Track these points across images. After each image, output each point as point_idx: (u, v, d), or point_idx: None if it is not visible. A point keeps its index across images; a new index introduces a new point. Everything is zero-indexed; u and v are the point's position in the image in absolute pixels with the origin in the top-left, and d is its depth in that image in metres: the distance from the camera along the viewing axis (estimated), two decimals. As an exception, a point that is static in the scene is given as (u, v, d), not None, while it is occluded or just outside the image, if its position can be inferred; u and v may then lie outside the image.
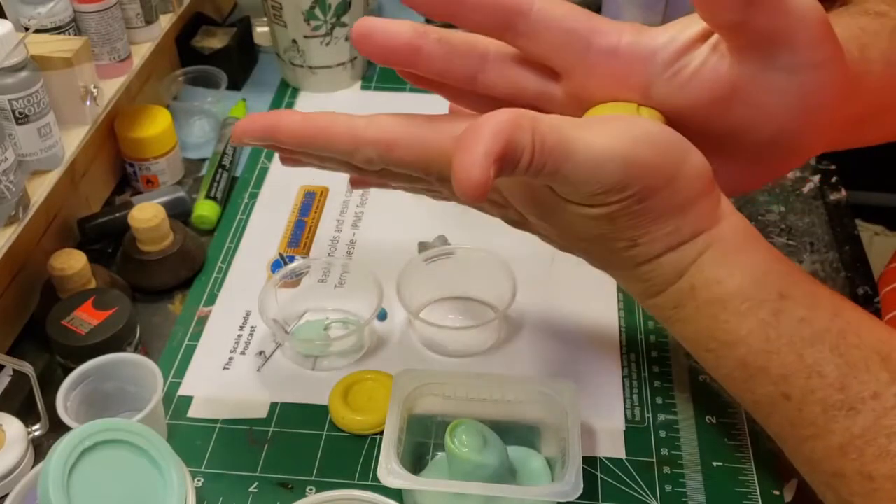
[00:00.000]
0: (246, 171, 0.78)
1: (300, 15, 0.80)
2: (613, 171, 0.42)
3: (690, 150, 0.45)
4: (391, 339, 0.63)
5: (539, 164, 0.41)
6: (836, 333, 0.43)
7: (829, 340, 0.43)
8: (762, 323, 0.44)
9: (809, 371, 0.43)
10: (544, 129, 0.40)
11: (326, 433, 0.57)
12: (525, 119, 0.40)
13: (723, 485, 0.54)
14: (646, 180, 0.43)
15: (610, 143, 0.42)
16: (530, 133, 0.40)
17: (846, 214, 0.73)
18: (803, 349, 0.43)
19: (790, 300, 0.44)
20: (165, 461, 0.48)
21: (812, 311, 0.44)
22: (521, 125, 0.40)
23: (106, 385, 0.56)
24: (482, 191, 0.38)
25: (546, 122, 0.41)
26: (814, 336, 0.43)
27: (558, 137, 0.41)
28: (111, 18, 0.67)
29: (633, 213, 0.44)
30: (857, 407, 0.42)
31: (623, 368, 0.61)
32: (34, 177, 0.61)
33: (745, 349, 0.45)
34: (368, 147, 0.45)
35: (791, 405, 0.44)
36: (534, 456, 0.54)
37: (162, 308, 0.66)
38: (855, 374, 0.42)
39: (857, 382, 0.42)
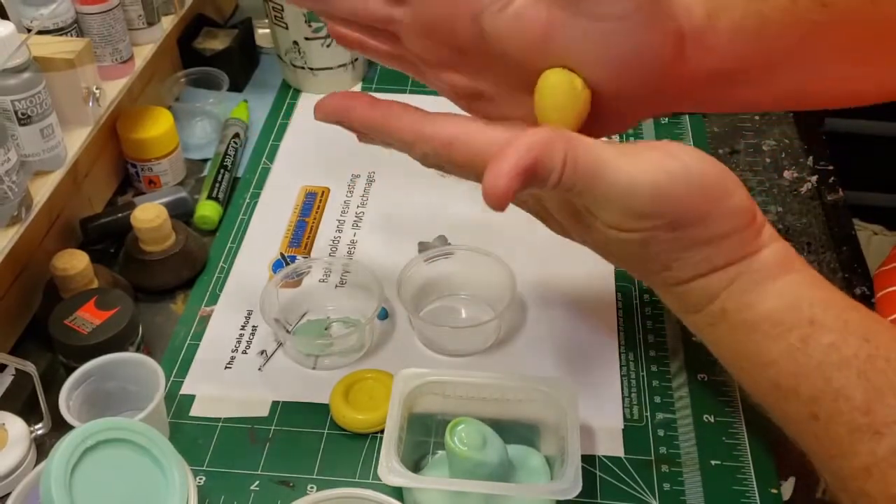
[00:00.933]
0: (247, 172, 0.78)
1: (301, 16, 0.80)
2: (643, 200, 0.44)
3: (732, 190, 0.46)
4: (392, 339, 0.64)
5: (569, 182, 0.43)
6: (864, 359, 0.44)
7: (856, 365, 0.44)
8: (791, 347, 0.46)
9: (836, 394, 0.44)
10: (578, 151, 0.43)
11: (327, 432, 0.58)
12: (560, 139, 0.43)
13: (721, 483, 0.55)
14: (676, 214, 0.45)
15: (643, 172, 0.44)
16: (562, 153, 0.43)
17: (844, 215, 0.73)
18: (831, 373, 0.44)
19: (820, 326, 0.45)
20: (167, 460, 0.48)
21: (841, 336, 0.45)
22: (554, 145, 0.43)
23: (108, 384, 0.56)
24: (504, 200, 0.41)
25: (583, 144, 0.44)
26: (841, 361, 0.44)
27: (592, 160, 0.43)
28: (113, 20, 0.68)
29: (664, 241, 0.46)
30: (882, 431, 0.43)
31: (621, 367, 0.61)
32: (37, 177, 0.61)
33: (775, 370, 0.47)
34: (427, 143, 0.47)
35: (819, 425, 0.45)
36: (533, 454, 0.54)
37: (164, 308, 0.66)
38: (881, 399, 0.43)
39: (883, 407, 0.43)
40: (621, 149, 0.45)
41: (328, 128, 0.59)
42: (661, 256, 0.48)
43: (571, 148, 0.43)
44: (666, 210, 0.45)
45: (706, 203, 0.46)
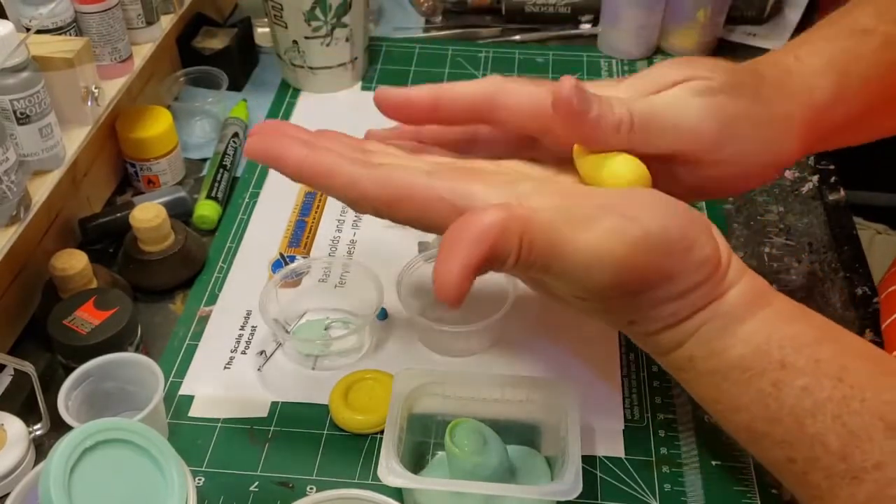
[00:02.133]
0: (247, 172, 0.78)
1: (301, 16, 0.80)
2: (603, 274, 0.44)
3: (695, 240, 0.45)
4: (391, 339, 0.63)
5: (526, 263, 0.43)
6: (839, 401, 0.43)
7: (830, 409, 0.43)
8: (762, 393, 0.45)
9: (812, 440, 0.43)
10: (535, 231, 0.42)
11: (327, 432, 0.58)
12: (513, 222, 0.42)
13: (722, 484, 0.54)
14: (638, 281, 0.45)
15: (602, 246, 0.43)
16: (518, 237, 0.42)
17: (845, 215, 0.73)
18: (805, 419, 0.43)
19: (791, 370, 0.44)
20: (166, 460, 0.48)
21: (814, 378, 0.44)
22: (509, 229, 0.42)
23: (107, 385, 0.56)
24: (457, 298, 0.41)
25: (538, 221, 0.43)
26: (815, 406, 0.43)
27: (548, 240, 0.43)
28: (112, 19, 0.67)
29: (628, 305, 0.46)
30: (861, 476, 0.42)
31: (622, 368, 0.61)
32: (35, 177, 0.61)
33: (747, 415, 0.46)
34: (370, 201, 0.46)
35: (796, 468, 0.45)
36: (533, 455, 0.54)
37: (163, 308, 0.66)
38: (857, 444, 0.42)
39: (860, 452, 0.42)
40: (579, 218, 0.44)
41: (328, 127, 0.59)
42: (624, 316, 0.48)
43: (527, 230, 0.42)
44: (628, 280, 0.45)
45: (668, 264, 0.45)
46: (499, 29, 0.96)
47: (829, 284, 0.67)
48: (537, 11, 0.95)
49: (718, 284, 0.46)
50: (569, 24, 0.95)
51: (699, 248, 0.45)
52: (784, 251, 0.70)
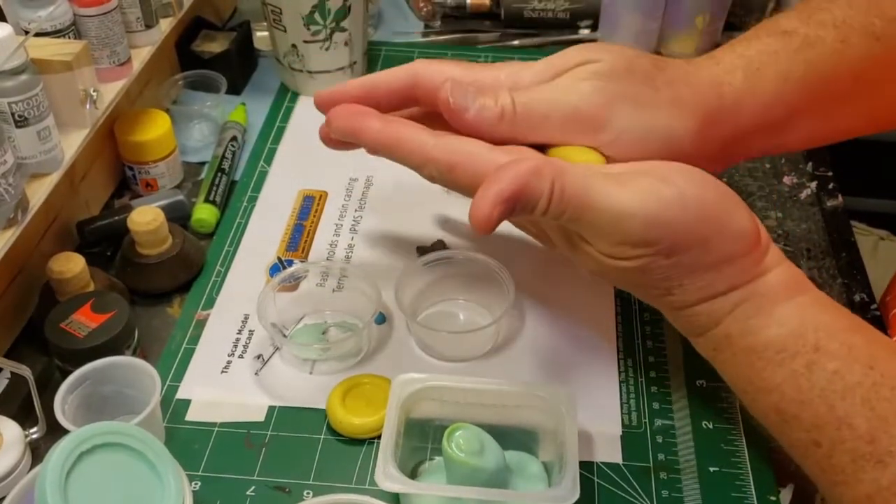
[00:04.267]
0: (245, 175, 0.78)
1: (300, 20, 0.80)
2: (634, 227, 0.45)
3: (732, 214, 0.46)
4: (389, 344, 0.63)
5: (557, 210, 0.45)
6: (869, 387, 0.44)
7: (860, 393, 0.44)
8: (795, 374, 0.46)
9: (840, 422, 0.44)
10: (566, 179, 0.45)
11: (324, 437, 0.58)
12: (548, 167, 0.45)
13: (720, 490, 0.54)
14: (671, 240, 0.45)
15: (633, 201, 0.45)
16: (549, 181, 0.44)
17: (843, 221, 0.73)
18: (834, 401, 0.44)
19: (824, 353, 0.45)
20: (163, 464, 0.48)
21: (846, 363, 0.45)
22: (541, 173, 0.44)
23: (104, 388, 0.56)
24: (487, 226, 0.44)
25: (572, 172, 0.45)
26: (845, 389, 0.44)
27: (581, 188, 0.45)
28: (111, 22, 0.67)
29: (662, 267, 0.47)
30: (886, 460, 0.42)
31: (620, 373, 0.61)
32: (33, 180, 0.61)
33: (778, 396, 0.47)
34: (433, 165, 0.50)
35: (821, 452, 0.45)
36: (531, 461, 0.54)
37: (160, 311, 0.66)
38: (885, 428, 0.43)
39: (887, 436, 0.43)
40: (615, 175, 0.46)
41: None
42: (660, 282, 0.48)
43: (559, 176, 0.45)
44: (659, 237, 0.45)
45: (704, 228, 0.46)
46: (497, 34, 0.96)
47: (828, 290, 0.67)
48: (536, 16, 0.95)
49: (757, 263, 0.47)
50: (567, 30, 0.95)
51: (737, 220, 0.46)
52: (782, 257, 0.70)
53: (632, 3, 0.86)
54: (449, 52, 0.92)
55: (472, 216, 0.44)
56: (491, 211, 0.44)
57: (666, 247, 0.46)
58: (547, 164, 0.45)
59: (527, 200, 0.44)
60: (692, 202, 0.45)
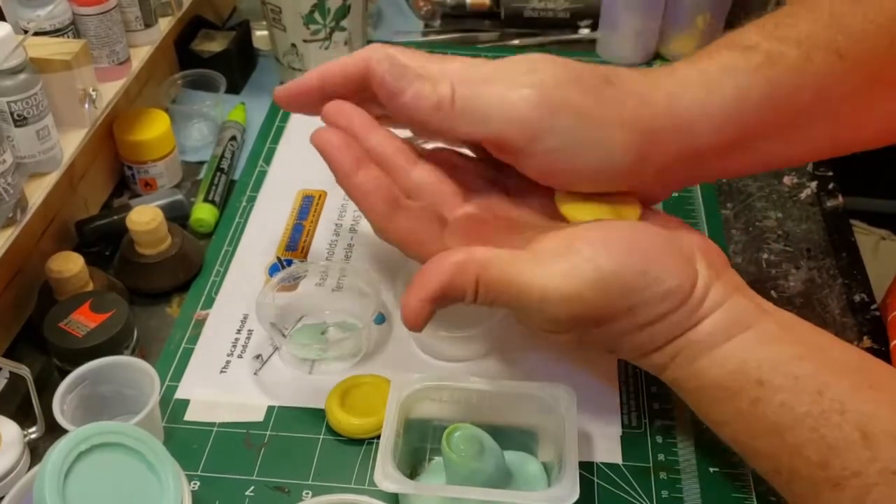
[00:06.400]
0: (244, 175, 0.78)
1: (299, 19, 0.80)
2: (558, 311, 0.47)
3: (657, 278, 0.47)
4: (389, 344, 0.63)
5: (485, 300, 0.48)
6: (817, 416, 0.44)
7: (808, 423, 0.44)
8: (742, 410, 0.47)
9: (792, 452, 0.45)
10: (491, 273, 0.47)
11: (323, 437, 0.57)
12: (471, 264, 0.47)
13: (719, 490, 0.54)
14: (596, 314, 0.47)
15: (554, 287, 0.46)
16: (474, 276, 0.47)
17: (843, 221, 0.73)
18: (784, 432, 0.45)
19: (769, 387, 0.46)
20: (162, 464, 0.48)
21: (792, 394, 0.45)
22: (465, 270, 0.47)
23: (103, 388, 0.56)
24: (417, 323, 0.48)
25: (496, 264, 0.47)
26: (794, 420, 0.45)
27: (505, 280, 0.47)
28: (110, 21, 0.67)
29: (596, 335, 0.49)
30: (842, 484, 0.43)
31: (620, 374, 0.61)
32: (32, 179, 0.61)
33: (731, 430, 0.48)
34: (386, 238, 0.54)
35: (782, 478, 0.47)
36: (530, 461, 0.54)
37: (159, 311, 0.66)
38: (836, 454, 0.43)
39: (839, 462, 0.43)
40: (533, 262, 0.47)
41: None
42: (600, 345, 0.51)
43: (483, 271, 0.47)
44: (583, 314, 0.47)
45: (626, 301, 0.47)
46: (497, 33, 0.96)
47: (828, 291, 0.67)
48: (536, 16, 0.95)
49: (692, 314, 0.48)
50: (568, 29, 0.95)
51: (662, 283, 0.47)
52: (782, 257, 0.70)
53: (632, 3, 0.86)
54: (449, 52, 0.92)
55: (403, 316, 0.48)
56: (420, 310, 0.47)
57: (593, 320, 0.48)
58: (468, 259, 0.47)
59: (453, 296, 0.47)
60: (611, 280, 0.46)
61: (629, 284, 0.47)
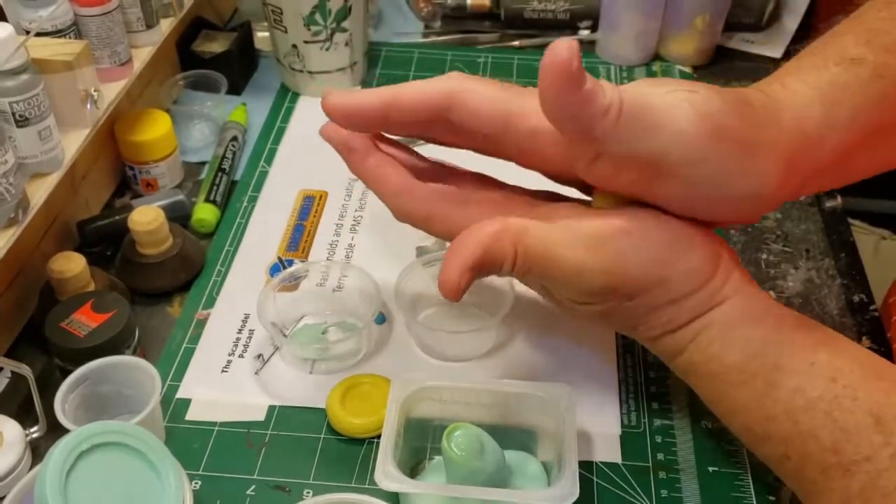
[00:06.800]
0: (245, 175, 0.78)
1: (300, 20, 0.80)
2: (595, 280, 0.48)
3: (686, 252, 0.48)
4: (389, 343, 0.63)
5: (523, 269, 0.48)
6: (830, 400, 0.45)
7: (822, 407, 0.45)
8: (757, 393, 0.47)
9: (805, 436, 0.45)
10: (528, 241, 0.47)
11: (324, 436, 0.58)
12: (509, 232, 0.47)
13: (719, 490, 0.54)
14: (630, 287, 0.48)
15: (595, 255, 0.47)
16: (512, 245, 0.47)
17: (842, 221, 0.73)
18: (798, 416, 0.46)
19: (784, 371, 0.46)
20: (163, 464, 0.48)
21: (806, 378, 0.46)
22: (502, 238, 0.47)
23: (104, 388, 0.56)
24: (456, 293, 0.47)
25: (533, 233, 0.47)
26: (807, 404, 0.45)
27: (543, 248, 0.47)
28: (112, 22, 0.67)
29: (627, 308, 0.49)
30: (853, 469, 0.43)
31: (619, 373, 0.61)
32: (34, 179, 0.61)
33: (745, 416, 0.48)
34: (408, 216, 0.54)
35: (792, 464, 0.47)
36: (530, 460, 0.54)
37: (161, 311, 0.66)
38: (848, 439, 0.44)
39: (851, 446, 0.44)
40: (573, 229, 0.48)
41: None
42: (627, 321, 0.51)
43: (521, 239, 0.47)
44: (620, 285, 0.48)
45: (659, 271, 0.48)
46: (498, 34, 0.96)
47: (827, 291, 0.67)
48: (536, 17, 0.95)
49: (714, 294, 0.48)
50: (567, 30, 0.95)
51: (689, 260, 0.48)
52: (781, 257, 0.70)
53: (632, 4, 0.86)
54: (449, 53, 0.93)
55: (441, 285, 0.47)
56: (459, 280, 0.46)
57: (628, 292, 0.48)
58: (508, 228, 0.47)
59: (491, 265, 0.47)
60: (646, 252, 0.47)
61: (661, 256, 0.47)
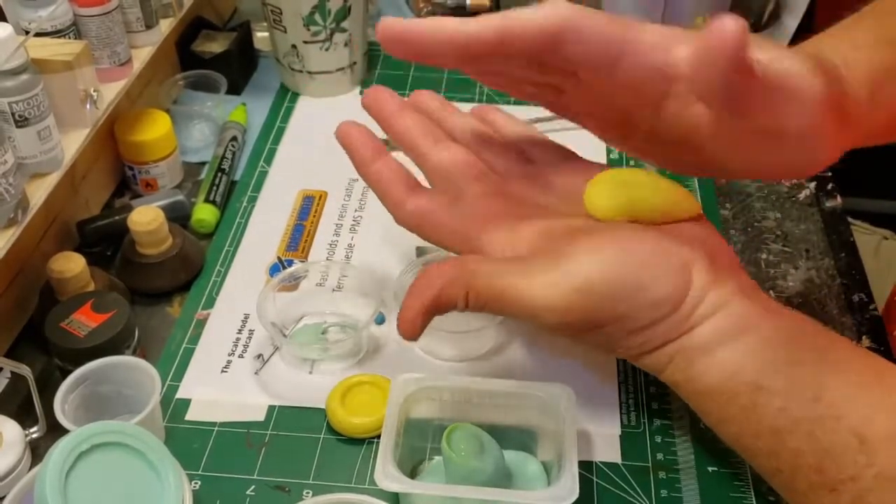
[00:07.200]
0: (245, 175, 0.78)
1: (300, 20, 0.80)
2: (548, 319, 0.48)
3: (646, 288, 0.47)
4: (389, 343, 0.63)
5: (476, 307, 0.49)
6: (814, 420, 0.44)
7: (805, 428, 0.45)
8: (744, 411, 0.47)
9: (792, 453, 0.45)
10: (479, 283, 0.49)
11: (324, 437, 0.58)
12: (460, 275, 0.49)
13: (718, 490, 0.54)
14: (586, 322, 0.48)
15: (544, 296, 0.47)
16: (463, 288, 0.49)
17: (842, 221, 0.73)
18: (784, 435, 0.45)
19: (766, 391, 0.46)
20: (163, 464, 0.48)
21: (789, 399, 0.45)
22: (455, 282, 0.49)
23: (104, 388, 0.56)
24: (413, 333, 0.49)
25: (483, 275, 0.49)
26: (791, 425, 0.45)
27: (495, 289, 0.49)
28: (112, 22, 0.67)
29: (592, 338, 0.50)
30: (838, 488, 0.44)
31: (619, 373, 0.61)
32: (34, 179, 0.61)
33: (735, 430, 0.48)
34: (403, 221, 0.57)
35: (783, 477, 0.47)
36: (530, 460, 0.54)
37: (160, 311, 0.66)
38: (832, 459, 0.44)
39: (835, 466, 0.44)
40: (521, 271, 0.49)
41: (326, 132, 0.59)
42: (598, 346, 0.51)
43: (472, 282, 0.49)
44: (574, 322, 0.48)
45: (614, 308, 0.48)
46: (498, 34, 0.96)
47: (826, 291, 0.67)
48: (536, 17, 0.95)
49: (684, 320, 0.48)
50: (567, 30, 0.95)
51: (652, 291, 0.47)
52: (781, 257, 0.70)
53: (632, 4, 0.86)
54: (449, 53, 0.92)
55: (399, 327, 0.49)
56: (414, 321, 0.49)
57: (584, 327, 0.49)
58: (459, 271, 0.49)
59: (444, 306, 0.49)
60: (598, 289, 0.47)
61: (617, 295, 0.47)
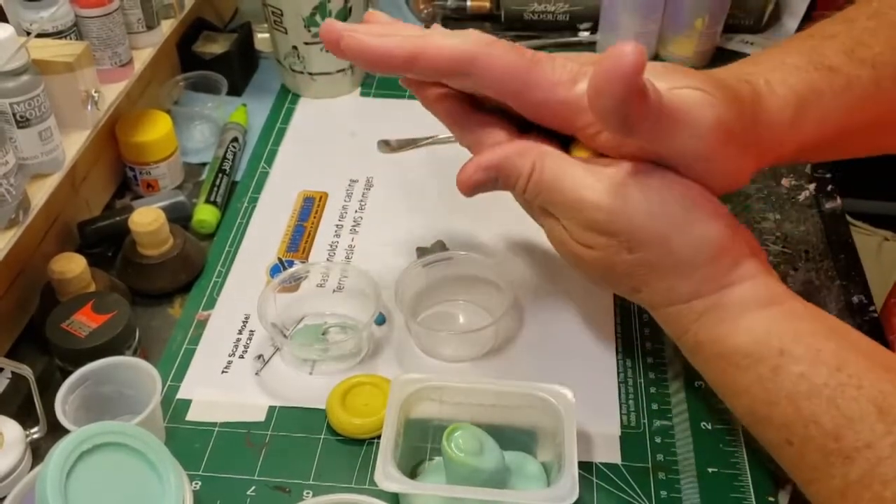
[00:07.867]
0: (246, 176, 0.78)
1: (300, 21, 0.81)
2: (598, 216, 0.48)
3: (697, 222, 0.48)
4: (389, 344, 0.64)
5: (534, 189, 0.50)
6: (835, 387, 0.45)
7: (826, 394, 0.45)
8: (762, 377, 0.47)
9: (807, 421, 0.45)
10: (546, 161, 0.50)
11: (324, 437, 0.58)
12: (533, 149, 0.50)
13: (718, 490, 0.54)
14: (629, 234, 0.48)
15: (601, 191, 0.48)
16: (531, 161, 0.50)
17: (841, 223, 0.73)
18: (801, 402, 0.46)
19: (789, 357, 0.47)
20: (163, 464, 0.48)
21: (811, 366, 0.46)
22: (524, 153, 0.50)
23: (104, 388, 0.56)
24: (467, 185, 0.51)
25: (553, 156, 0.50)
26: (811, 390, 0.46)
27: (558, 172, 0.49)
28: (113, 23, 0.68)
29: (626, 262, 0.49)
30: (853, 456, 0.44)
31: (619, 374, 0.61)
32: (35, 180, 0.61)
33: (749, 399, 0.48)
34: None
35: (793, 450, 0.47)
36: (530, 461, 0.54)
37: (161, 312, 0.66)
38: (850, 426, 0.44)
39: (853, 433, 0.44)
40: (591, 168, 0.49)
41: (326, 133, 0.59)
42: (626, 279, 0.51)
43: (540, 158, 0.50)
44: (620, 229, 0.48)
45: (663, 227, 0.48)
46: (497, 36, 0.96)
47: (826, 292, 0.67)
48: (536, 19, 0.95)
49: (723, 274, 0.49)
50: (567, 32, 0.95)
51: (701, 228, 0.48)
52: (780, 259, 0.70)
53: (631, 6, 0.86)
54: (449, 54, 0.93)
55: (457, 177, 0.51)
56: (473, 174, 0.50)
57: (626, 240, 0.48)
58: (533, 146, 0.50)
59: (508, 175, 0.50)
60: (655, 202, 0.48)
61: (668, 211, 0.48)
